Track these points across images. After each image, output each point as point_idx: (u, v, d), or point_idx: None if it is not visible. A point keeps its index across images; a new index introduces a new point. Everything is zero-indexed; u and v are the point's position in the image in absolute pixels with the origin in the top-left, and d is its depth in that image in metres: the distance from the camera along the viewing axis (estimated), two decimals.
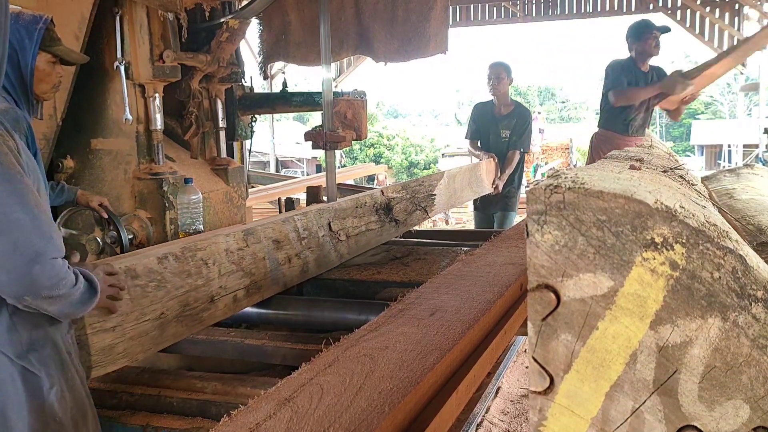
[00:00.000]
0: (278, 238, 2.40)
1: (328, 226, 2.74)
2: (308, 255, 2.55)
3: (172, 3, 2.97)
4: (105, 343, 1.59)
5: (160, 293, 1.78)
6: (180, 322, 1.85)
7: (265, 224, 2.39)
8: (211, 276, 2.00)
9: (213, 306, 2.00)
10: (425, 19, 3.68)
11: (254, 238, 2.26)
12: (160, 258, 1.82)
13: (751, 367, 0.74)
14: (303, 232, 2.56)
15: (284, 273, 2.38)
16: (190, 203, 3.07)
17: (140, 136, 3.15)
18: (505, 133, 4.88)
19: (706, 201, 1.34)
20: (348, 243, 2.86)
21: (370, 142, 23.04)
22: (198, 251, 1.98)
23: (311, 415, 1.02)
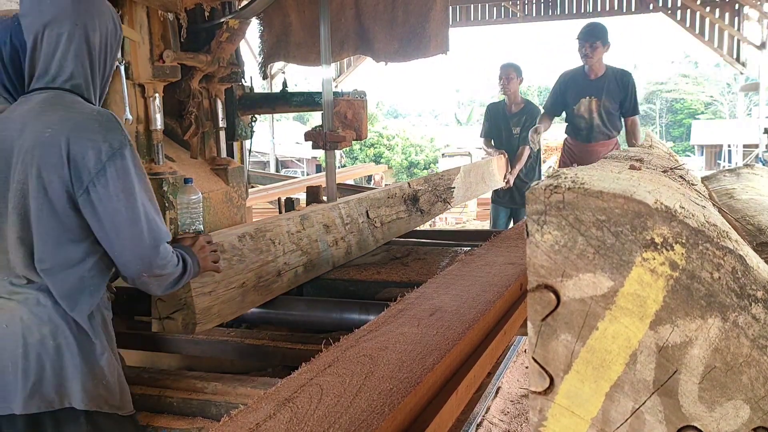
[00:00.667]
0: (327, 222, 2.73)
1: (366, 213, 3.06)
2: (351, 239, 2.88)
3: (172, 3, 2.97)
4: (204, 305, 1.93)
5: (241, 266, 2.12)
6: (256, 291, 2.18)
7: (316, 210, 2.72)
8: (277, 254, 2.33)
9: (279, 279, 2.33)
10: (425, 20, 3.68)
11: (308, 222, 2.60)
12: (240, 237, 2.16)
13: (751, 367, 0.74)
14: (346, 219, 2.89)
15: (332, 254, 2.70)
16: (189, 203, 3.06)
17: (140, 136, 3.15)
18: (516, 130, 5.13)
19: (706, 201, 1.34)
20: (382, 229, 3.16)
21: (370, 142, 23.04)
22: (267, 232, 2.31)
23: (311, 416, 1.02)
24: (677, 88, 39.97)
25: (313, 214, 2.65)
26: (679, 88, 39.90)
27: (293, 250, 2.42)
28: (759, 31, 10.81)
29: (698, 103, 38.76)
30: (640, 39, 63.66)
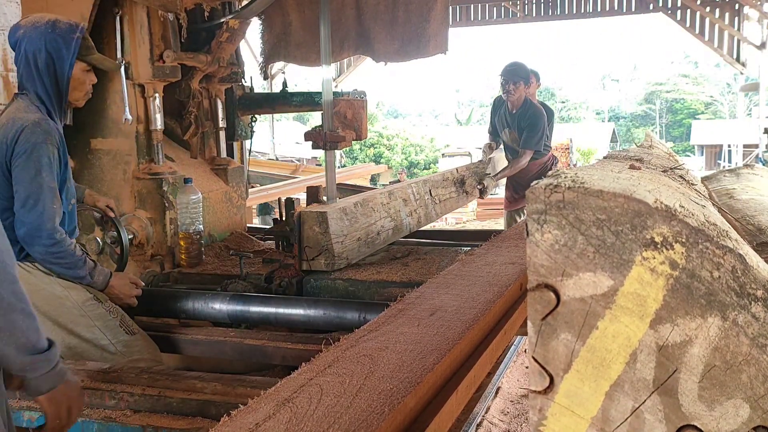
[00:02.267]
0: (405, 198, 3.38)
1: (429, 192, 3.71)
2: (420, 212, 3.52)
3: (172, 3, 2.97)
4: (339, 250, 2.65)
5: (357, 224, 2.81)
6: (366, 245, 2.89)
7: (396, 188, 3.43)
8: (377, 218, 3.01)
9: (378, 237, 3.01)
10: (425, 20, 3.68)
11: (393, 197, 3.27)
12: (355, 204, 2.88)
13: (751, 366, 0.74)
14: (417, 195, 3.53)
15: (410, 222, 3.35)
16: (189, 203, 3.07)
17: (140, 136, 3.15)
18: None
19: (705, 201, 1.34)
20: (440, 205, 3.84)
21: (370, 142, 23.04)
22: (369, 201, 3.01)
23: (311, 416, 1.01)
24: (677, 88, 39.99)
25: (396, 190, 3.35)
26: (679, 88, 39.92)
27: (385, 216, 3.11)
28: (759, 31, 10.81)
29: (698, 103, 38.76)
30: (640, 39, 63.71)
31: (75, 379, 1.43)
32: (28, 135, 1.99)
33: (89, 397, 1.74)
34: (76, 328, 2.11)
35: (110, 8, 2.99)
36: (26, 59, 2.09)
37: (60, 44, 2.10)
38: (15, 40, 2.11)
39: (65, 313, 2.10)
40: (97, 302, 2.15)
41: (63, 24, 2.13)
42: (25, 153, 1.98)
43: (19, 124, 2.01)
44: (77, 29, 2.14)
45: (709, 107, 38.37)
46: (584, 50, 66.72)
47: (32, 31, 2.09)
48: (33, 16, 2.16)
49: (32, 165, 1.99)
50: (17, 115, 2.05)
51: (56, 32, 2.10)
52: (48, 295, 2.09)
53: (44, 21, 2.11)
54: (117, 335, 2.13)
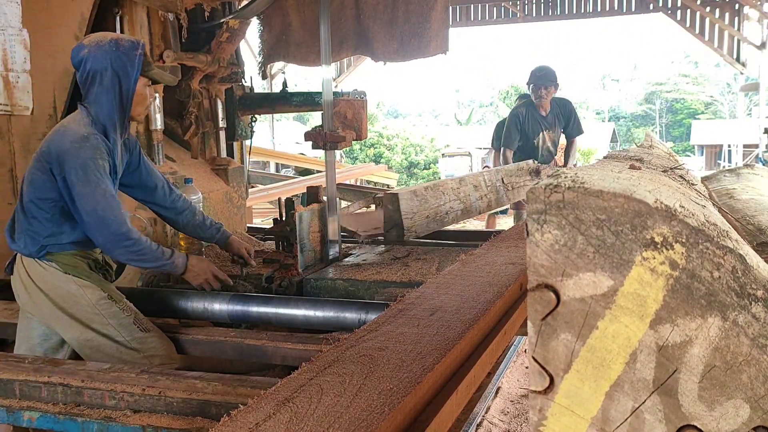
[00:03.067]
0: (476, 184, 4.04)
1: (502, 180, 4.37)
2: (491, 197, 4.15)
3: (172, 3, 2.97)
4: (408, 224, 3.27)
5: (427, 204, 3.43)
6: (435, 222, 3.49)
7: (469, 175, 4.14)
8: (446, 201, 3.64)
9: (447, 217, 3.62)
10: (425, 20, 3.68)
11: (464, 183, 3.93)
12: (425, 188, 3.51)
13: (751, 366, 0.74)
14: (488, 183, 4.17)
15: (479, 205, 3.98)
16: None
17: (140, 136, 3.14)
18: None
19: (706, 201, 1.34)
20: (511, 192, 4.46)
21: (370, 142, 23.03)
22: (439, 187, 3.66)
23: (311, 416, 1.02)
24: (677, 88, 39.98)
25: (467, 177, 4.07)
26: (679, 88, 39.91)
27: (454, 199, 3.73)
28: (759, 31, 10.81)
29: (698, 103, 38.75)
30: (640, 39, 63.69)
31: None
32: (77, 149, 2.08)
33: (89, 398, 1.75)
34: (91, 324, 2.17)
35: (110, 8, 2.99)
36: (92, 77, 2.18)
37: (125, 61, 2.19)
38: (79, 59, 2.19)
39: (80, 310, 2.17)
40: (110, 301, 2.20)
41: (126, 42, 2.23)
42: (79, 168, 2.08)
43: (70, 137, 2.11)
44: (139, 46, 2.25)
45: (709, 107, 38.35)
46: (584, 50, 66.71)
47: (97, 50, 2.17)
48: (95, 36, 2.25)
49: (89, 178, 2.08)
50: (70, 126, 2.15)
51: (120, 50, 2.19)
52: (64, 293, 2.16)
53: (107, 40, 2.21)
54: (132, 332, 2.18)
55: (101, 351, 2.15)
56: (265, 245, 3.56)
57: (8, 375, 1.81)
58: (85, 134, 2.11)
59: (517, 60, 60.57)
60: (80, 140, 2.09)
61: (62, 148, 2.08)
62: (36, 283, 2.17)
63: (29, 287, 2.18)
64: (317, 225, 3.00)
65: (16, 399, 1.79)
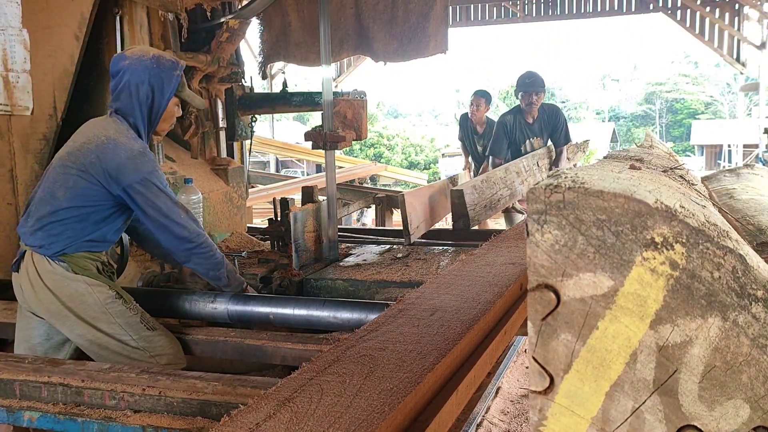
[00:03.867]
0: (518, 171, 4.59)
1: (537, 163, 4.96)
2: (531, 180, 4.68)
3: (172, 3, 2.97)
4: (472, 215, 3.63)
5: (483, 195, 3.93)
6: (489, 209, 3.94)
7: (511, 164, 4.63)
8: (497, 189, 4.10)
9: (498, 203, 4.10)
10: (425, 19, 3.68)
11: (509, 171, 4.47)
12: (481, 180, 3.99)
13: (751, 366, 0.74)
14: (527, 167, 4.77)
15: (521, 189, 4.49)
16: (190, 203, 3.07)
17: None
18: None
19: (706, 201, 1.34)
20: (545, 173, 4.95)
21: (370, 142, 23.04)
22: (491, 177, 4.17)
23: (311, 416, 1.02)
24: (677, 88, 39.97)
25: (511, 166, 4.55)
26: (679, 88, 39.90)
27: (503, 187, 4.20)
28: (759, 31, 10.81)
29: (698, 103, 38.74)
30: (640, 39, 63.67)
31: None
32: (136, 165, 2.14)
33: (89, 398, 1.75)
34: (98, 323, 2.18)
35: (110, 8, 2.99)
36: (128, 89, 2.23)
37: (163, 80, 2.25)
38: (118, 69, 2.24)
39: (87, 309, 2.17)
40: (118, 300, 2.21)
41: (166, 61, 2.28)
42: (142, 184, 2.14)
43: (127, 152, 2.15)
44: (178, 67, 2.30)
45: (709, 107, 38.34)
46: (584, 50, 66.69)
47: (137, 63, 2.22)
48: (138, 49, 2.31)
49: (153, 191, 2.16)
50: (119, 139, 2.18)
51: (160, 68, 2.25)
52: (72, 292, 2.17)
53: (149, 56, 2.26)
54: (138, 331, 2.19)
55: (108, 349, 2.16)
56: (264, 245, 3.57)
57: (8, 375, 1.81)
58: (140, 149, 2.18)
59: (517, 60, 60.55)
60: (138, 156, 2.16)
61: (119, 164, 2.13)
62: (44, 280, 2.17)
63: (36, 285, 2.18)
64: (312, 225, 3.00)
65: (16, 399, 1.79)
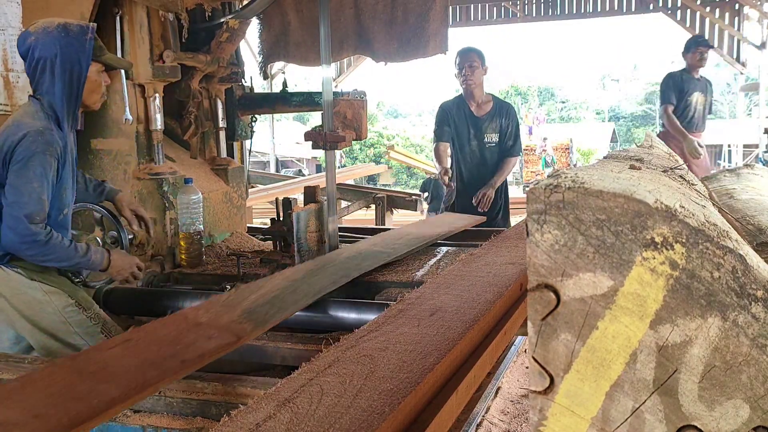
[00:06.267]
0: None
1: None
2: None
3: (172, 3, 2.97)
4: None
5: None
6: None
7: None
8: None
9: None
10: (424, 20, 3.67)
11: None
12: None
13: (751, 366, 0.74)
14: None
15: None
16: (190, 203, 3.07)
17: (140, 136, 3.15)
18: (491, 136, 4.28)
19: (706, 201, 1.34)
20: None
21: (370, 142, 23.03)
22: None
23: (311, 416, 1.02)
24: None
25: None
26: None
27: None
28: (759, 31, 10.81)
29: None
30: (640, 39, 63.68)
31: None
32: (29, 143, 1.98)
33: None
34: (57, 333, 2.10)
35: (110, 8, 2.99)
36: (41, 66, 2.06)
37: (75, 47, 2.07)
38: (27, 48, 2.07)
39: (45, 318, 2.09)
40: (78, 308, 2.12)
41: (74, 27, 2.10)
42: (22, 160, 1.98)
43: (24, 130, 2.01)
44: (89, 30, 2.11)
45: None
46: (584, 50, 66.65)
47: (44, 36, 2.05)
48: (41, 22, 2.12)
49: (26, 173, 1.98)
50: (24, 120, 2.04)
51: (70, 35, 2.06)
52: (29, 299, 2.08)
53: (54, 25, 2.07)
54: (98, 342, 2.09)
55: None
56: (265, 245, 3.57)
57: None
58: (40, 128, 2.01)
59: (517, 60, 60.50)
60: (34, 134, 1.99)
61: (14, 142, 1.99)
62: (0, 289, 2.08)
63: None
64: (315, 225, 3.00)
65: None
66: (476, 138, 4.27)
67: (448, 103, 4.42)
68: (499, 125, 4.28)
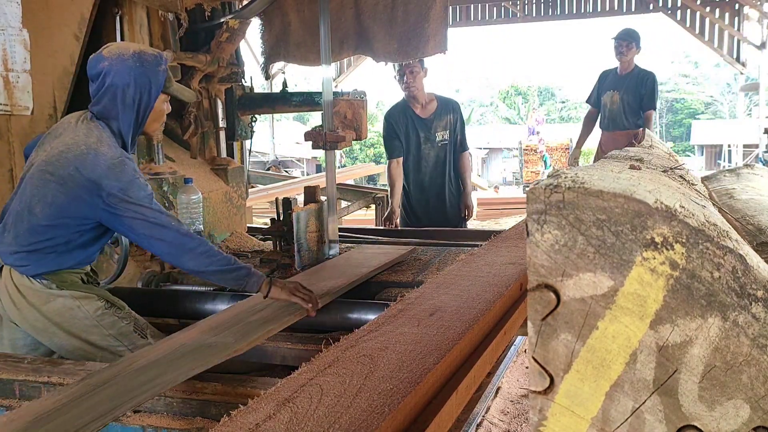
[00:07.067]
0: None
1: None
2: None
3: (172, 3, 2.97)
4: None
5: None
6: None
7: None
8: None
9: None
10: (424, 19, 3.68)
11: None
12: None
13: (751, 366, 0.74)
14: None
15: None
16: (189, 203, 3.07)
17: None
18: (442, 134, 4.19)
19: (706, 201, 1.34)
20: None
21: (370, 142, 23.03)
22: None
23: (311, 416, 1.01)
24: (677, 88, 39.95)
25: None
26: (679, 88, 39.88)
27: None
28: (759, 31, 10.82)
29: (698, 103, 38.73)
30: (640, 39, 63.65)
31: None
32: (117, 174, 1.96)
33: None
34: (90, 337, 2.08)
35: (110, 8, 2.99)
36: (112, 93, 2.04)
37: (150, 79, 2.06)
38: (98, 71, 2.04)
39: (77, 323, 2.08)
40: (108, 310, 2.11)
41: (149, 56, 2.09)
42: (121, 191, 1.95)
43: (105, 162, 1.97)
44: (163, 62, 2.12)
45: (709, 107, 38.32)
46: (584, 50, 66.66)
47: (119, 64, 2.03)
48: (116, 47, 2.10)
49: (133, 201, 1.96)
50: (101, 149, 1.99)
51: (144, 66, 2.06)
52: (60, 307, 2.06)
53: (130, 53, 2.06)
54: (133, 341, 2.10)
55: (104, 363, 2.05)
56: (264, 245, 3.57)
57: (8, 375, 1.80)
58: (120, 158, 1.99)
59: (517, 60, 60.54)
60: (118, 165, 1.97)
61: (100, 174, 1.95)
62: (26, 297, 2.05)
63: (18, 302, 2.06)
64: (315, 225, 3.00)
65: (16, 399, 1.79)
66: (428, 140, 4.18)
67: (393, 111, 4.28)
68: (447, 122, 4.21)
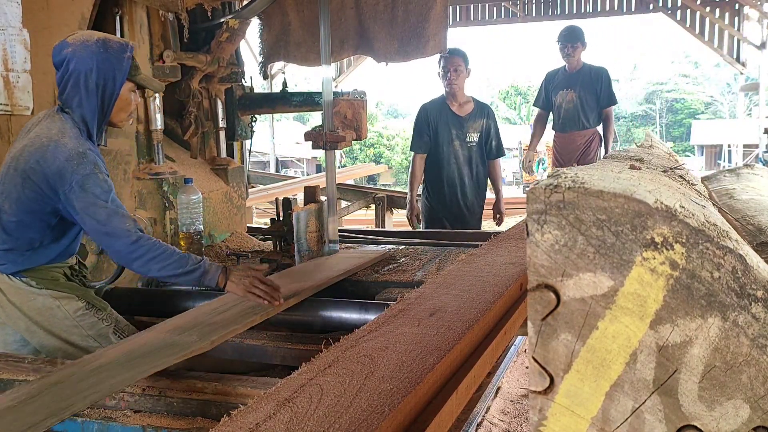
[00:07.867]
0: None
1: None
2: None
3: (172, 3, 2.97)
4: None
5: None
6: None
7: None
8: None
9: None
10: (425, 20, 3.68)
11: None
12: None
13: (751, 366, 0.74)
14: None
15: None
16: (189, 203, 3.07)
17: (140, 136, 3.15)
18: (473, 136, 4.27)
19: (706, 201, 1.34)
20: None
21: (370, 142, 23.05)
22: None
23: (311, 416, 1.02)
24: (677, 88, 39.95)
25: None
26: (679, 88, 39.89)
27: None
28: (759, 31, 10.82)
29: (698, 103, 38.73)
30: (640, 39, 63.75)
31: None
32: (74, 166, 1.93)
33: None
34: (70, 337, 2.09)
35: (110, 8, 2.99)
36: (75, 79, 2.01)
37: (112, 64, 2.04)
38: (62, 58, 2.02)
39: (57, 323, 2.08)
40: (89, 311, 2.11)
41: (114, 43, 2.07)
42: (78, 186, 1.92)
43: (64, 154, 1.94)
44: (128, 49, 2.10)
45: (709, 107, 38.32)
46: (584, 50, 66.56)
47: (82, 49, 2.01)
48: (80, 34, 2.09)
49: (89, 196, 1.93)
50: (61, 140, 1.97)
51: (108, 52, 2.04)
52: (40, 306, 2.06)
53: (94, 40, 2.04)
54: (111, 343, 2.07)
55: None
56: (264, 245, 3.57)
57: (8, 375, 1.81)
58: (80, 150, 1.96)
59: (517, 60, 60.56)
60: (77, 157, 1.94)
61: (58, 167, 1.92)
62: (8, 297, 2.06)
63: (1, 301, 2.06)
64: (315, 225, 3.00)
65: None
66: (458, 138, 4.27)
67: (430, 104, 4.38)
68: (480, 125, 4.31)
